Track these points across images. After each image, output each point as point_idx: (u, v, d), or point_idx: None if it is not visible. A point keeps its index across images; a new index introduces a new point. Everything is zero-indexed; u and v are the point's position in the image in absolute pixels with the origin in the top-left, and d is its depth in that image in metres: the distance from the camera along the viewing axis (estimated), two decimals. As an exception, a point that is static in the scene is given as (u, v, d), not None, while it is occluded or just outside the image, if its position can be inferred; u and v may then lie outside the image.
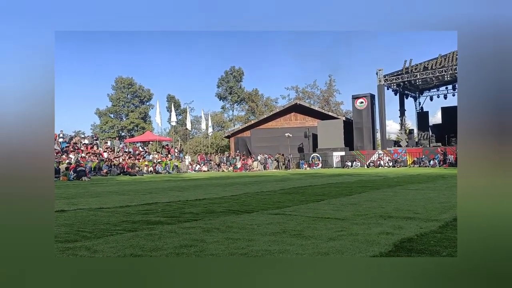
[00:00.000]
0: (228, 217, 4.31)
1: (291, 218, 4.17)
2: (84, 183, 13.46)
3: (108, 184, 12.49)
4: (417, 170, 20.18)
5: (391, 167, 25.87)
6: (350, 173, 18.00)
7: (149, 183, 12.44)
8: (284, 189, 8.52)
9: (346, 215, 4.32)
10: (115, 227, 3.81)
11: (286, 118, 35.06)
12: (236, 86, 56.37)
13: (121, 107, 53.14)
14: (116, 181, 14.23)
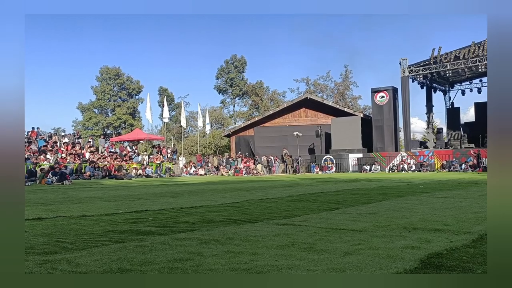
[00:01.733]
0: (228, 228, 4.31)
1: (300, 229, 4.16)
2: (65, 187, 13.54)
3: (91, 188, 12.54)
4: (446, 175, 20.08)
5: (416, 172, 25.76)
6: (368, 178, 17.94)
7: (138, 188, 12.46)
8: (293, 196, 8.50)
9: (365, 226, 4.31)
10: (100, 237, 3.83)
11: (295, 115, 35.05)
12: (238, 77, 56.56)
13: (106, 101, 53.49)
14: (100, 186, 14.29)
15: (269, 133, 34.11)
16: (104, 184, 15.32)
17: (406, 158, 27.66)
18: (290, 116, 35.05)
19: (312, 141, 32.79)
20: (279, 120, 35.06)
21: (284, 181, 16.83)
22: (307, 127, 32.73)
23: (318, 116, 34.40)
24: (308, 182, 14.97)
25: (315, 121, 33.96)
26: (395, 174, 22.89)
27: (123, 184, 15.70)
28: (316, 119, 34.28)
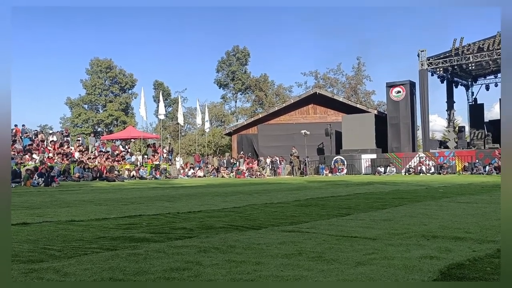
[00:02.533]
0: (229, 234, 4.32)
1: (308, 236, 4.16)
2: (52, 189, 13.61)
3: (81, 191, 12.60)
4: (468, 178, 20.00)
5: (436, 174, 25.68)
6: (383, 181, 17.91)
7: (131, 191, 12.49)
8: (300, 200, 8.50)
9: (379, 233, 4.30)
10: (90, 244, 3.85)
11: (302, 111, 35.04)
12: (240, 70, 56.60)
13: (97, 96, 53.71)
14: (90, 188, 14.35)
15: (274, 132, 34.09)
16: (94, 187, 15.37)
17: (425, 160, 27.57)
18: (297, 113, 35.02)
19: (321, 140, 32.74)
20: (285, 117, 35.05)
21: (290, 184, 16.82)
22: (315, 125, 32.68)
23: (327, 113, 34.35)
24: (316, 185, 14.94)
25: (325, 119, 33.91)
26: (412, 177, 22.81)
27: (115, 186, 15.74)
28: (325, 116, 34.23)
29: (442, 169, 26.30)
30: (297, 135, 30.91)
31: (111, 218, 5.83)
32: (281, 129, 33.94)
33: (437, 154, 27.75)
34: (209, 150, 45.07)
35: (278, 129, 34.06)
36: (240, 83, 56.23)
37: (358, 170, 29.00)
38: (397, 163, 28.18)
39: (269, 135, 34.26)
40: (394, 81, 30.28)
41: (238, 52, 56.37)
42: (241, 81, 56.16)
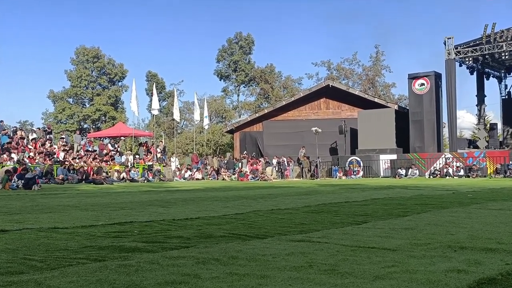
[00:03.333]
0: (231, 244, 4.32)
1: (320, 247, 4.16)
2: (33, 193, 13.69)
3: (65, 195, 12.65)
4: (501, 182, 19.90)
5: (464, 178, 25.59)
6: (404, 184, 17.86)
7: (121, 195, 12.52)
8: (310, 206, 8.50)
9: (399, 244, 4.29)
10: (76, 254, 3.87)
11: (313, 106, 35.02)
12: (243, 60, 56.67)
13: (83, 89, 53.99)
14: (76, 191, 14.41)
15: (281, 129, 34.10)
16: (80, 190, 15.44)
17: (451, 161, 27.46)
18: (307, 108, 35.00)
19: (335, 138, 32.71)
20: (293, 113, 35.04)
21: (299, 187, 16.78)
22: (328, 122, 32.65)
23: (342, 108, 34.30)
24: (329, 189, 14.91)
25: (338, 114, 33.87)
26: (437, 180, 22.73)
27: (103, 189, 15.79)
28: (339, 112, 34.19)
29: (471, 172, 26.17)
30: (307, 133, 30.89)
31: (99, 225, 5.85)
32: (289, 126, 33.94)
33: (465, 154, 27.61)
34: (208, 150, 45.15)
35: (285, 126, 34.06)
36: (243, 75, 56.27)
37: (376, 173, 28.95)
38: (420, 164, 28.10)
39: (275, 133, 34.27)
40: (417, 72, 30.18)
41: (241, 40, 56.38)
42: (244, 72, 56.20)
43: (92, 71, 54.66)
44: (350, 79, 53.22)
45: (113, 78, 55.68)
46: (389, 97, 50.34)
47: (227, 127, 39.89)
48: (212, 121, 54.35)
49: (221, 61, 57.68)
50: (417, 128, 29.29)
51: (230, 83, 59.01)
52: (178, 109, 34.60)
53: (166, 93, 57.72)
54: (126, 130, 33.28)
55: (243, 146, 35.29)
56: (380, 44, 52.73)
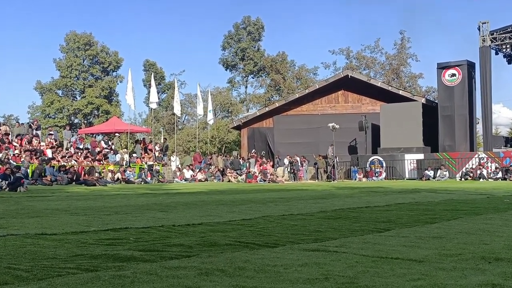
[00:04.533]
0: (237, 253, 4.33)
1: (337, 257, 4.16)
2: (18, 195, 13.80)
3: (54, 197, 12.74)
4: (542, 185, 19.70)
5: (500, 180, 25.38)
6: (432, 187, 17.75)
7: (115, 198, 12.57)
8: (326, 212, 8.49)
9: (427, 254, 4.27)
10: (65, 263, 3.89)
11: (330, 99, 34.94)
12: (252, 47, 56.70)
13: (73, 80, 54.37)
14: (66, 194, 14.50)
15: (294, 125, 34.08)
16: (70, 192, 15.53)
17: (486, 161, 27.25)
18: (323, 102, 34.93)
19: (354, 136, 32.61)
20: (308, 107, 34.99)
21: (314, 190, 16.75)
22: (347, 117, 32.54)
23: (362, 102, 34.17)
24: (347, 193, 14.86)
25: (358, 109, 33.75)
26: (470, 183, 22.57)
27: (95, 192, 15.87)
28: (359, 106, 34.07)
29: (508, 174, 25.94)
30: (323, 130, 30.83)
31: (91, 231, 5.89)
32: (303, 122, 33.91)
33: (502, 154, 27.38)
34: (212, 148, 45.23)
35: (299, 122, 34.03)
36: (252, 64, 56.28)
37: (401, 174, 28.81)
38: (450, 165, 27.92)
39: (287, 129, 34.25)
40: (448, 61, 29.96)
41: (250, 25, 56.36)
42: (253, 61, 56.21)
43: (84, 59, 55.01)
44: (372, 69, 53.01)
45: (106, 68, 55.99)
46: (416, 89, 50.07)
47: (234, 122, 39.91)
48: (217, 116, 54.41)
49: (227, 49, 57.77)
50: (447, 124, 29.10)
51: (237, 74, 59.09)
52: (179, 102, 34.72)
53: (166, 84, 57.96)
54: (121, 126, 33.46)
55: (251, 143, 35.29)
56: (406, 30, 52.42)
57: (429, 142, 29.71)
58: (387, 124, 30.10)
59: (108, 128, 33.08)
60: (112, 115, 46.01)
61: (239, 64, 57.61)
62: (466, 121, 28.91)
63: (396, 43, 52.41)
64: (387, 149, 29.82)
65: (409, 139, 29.17)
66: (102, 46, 55.95)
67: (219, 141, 49.72)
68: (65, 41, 54.70)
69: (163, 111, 56.35)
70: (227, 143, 50.87)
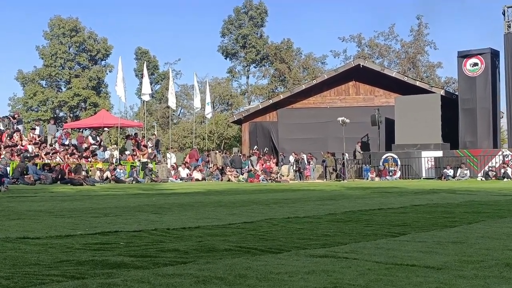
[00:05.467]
0: (238, 260, 4.33)
1: (347, 263, 4.15)
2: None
3: (36, 198, 12.75)
4: None
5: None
6: (451, 188, 17.75)
7: (104, 199, 12.59)
8: (336, 214, 8.50)
9: (445, 261, 4.27)
10: (49, 270, 3.90)
11: (340, 91, 34.92)
12: (254, 34, 56.62)
13: (58, 69, 54.41)
14: (50, 194, 14.52)
15: (300, 119, 34.08)
16: (55, 192, 15.55)
17: (511, 159, 27.21)
18: (332, 93, 34.91)
19: (366, 131, 32.59)
20: (315, 99, 34.97)
21: (322, 191, 16.74)
22: (358, 110, 32.52)
23: (375, 94, 34.14)
24: (358, 193, 14.85)
25: (371, 101, 33.72)
26: (493, 183, 22.54)
27: (82, 192, 15.89)
28: (372, 98, 34.04)
29: (536, 173, 25.92)
30: (333, 124, 30.84)
31: (77, 235, 5.89)
32: (310, 116, 33.92)
33: (528, 151, 27.36)
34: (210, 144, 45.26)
35: (305, 116, 34.03)
36: (254, 52, 56.25)
37: (417, 173, 28.81)
38: (471, 163, 27.90)
39: (293, 123, 34.25)
40: (469, 49, 29.86)
41: (252, 9, 56.30)
42: (255, 49, 56.17)
43: (69, 47, 55.03)
44: (386, 57, 52.94)
45: (94, 56, 56.02)
46: (434, 80, 49.99)
47: (234, 116, 39.92)
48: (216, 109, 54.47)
49: (226, 35, 57.69)
50: (469, 119, 29.04)
51: (238, 63, 59.05)
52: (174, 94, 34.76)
53: (160, 74, 57.95)
54: (111, 120, 33.51)
55: (253, 139, 35.30)
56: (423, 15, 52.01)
57: (448, 138, 29.66)
58: (402, 118, 30.06)
59: (96, 122, 33.13)
60: (101, 108, 46.07)
61: (240, 52, 57.56)
62: (489, 115, 28.86)
63: (413, 29, 52.37)
64: (402, 146, 29.79)
65: (427, 135, 29.14)
66: (90, 32, 55.96)
67: (218, 137, 49.74)
68: (49, 27, 54.73)
69: (157, 104, 56.38)
70: (227, 139, 50.90)
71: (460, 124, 29.27)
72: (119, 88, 29.03)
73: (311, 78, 44.45)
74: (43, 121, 43.05)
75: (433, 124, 29.27)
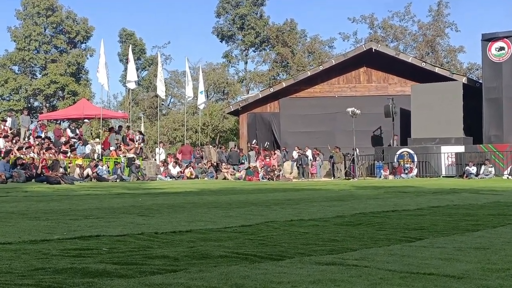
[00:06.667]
0: (235, 268, 4.33)
1: (357, 272, 4.16)
2: (-35, 195, 13.79)
3: (8, 198, 12.73)
4: None
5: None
6: (474, 187, 17.75)
7: (85, 199, 12.59)
8: (344, 217, 8.51)
9: (467, 269, 4.27)
10: (23, 279, 3.89)
11: (349, 79, 34.91)
12: (253, 14, 56.51)
13: (33, 53, 54.27)
14: (23, 194, 14.51)
15: (305, 110, 34.07)
16: (29, 191, 15.53)
17: (541, 155, 27.24)
18: (341, 81, 34.90)
19: (379, 123, 32.60)
20: (322, 88, 34.96)
21: (330, 190, 16.75)
22: (370, 100, 32.53)
23: (389, 81, 34.13)
24: (370, 194, 14.86)
25: (384, 90, 33.71)
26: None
27: (60, 191, 15.87)
28: (385, 86, 34.03)
29: None
30: (341, 116, 30.84)
31: (54, 239, 5.89)
32: (316, 106, 33.89)
33: (561, 147, 27.39)
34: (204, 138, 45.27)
35: (311, 106, 34.01)
36: (253, 34, 56.18)
37: (436, 171, 28.83)
38: (497, 160, 27.91)
39: (297, 114, 34.25)
40: (495, 31, 29.79)
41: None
42: (254, 31, 56.11)
43: (45, 28, 54.87)
44: (401, 41, 52.90)
45: (73, 39, 55.88)
46: (455, 66, 49.96)
47: (231, 106, 39.87)
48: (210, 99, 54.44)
49: (222, 16, 57.61)
50: (494, 110, 29.02)
51: (235, 46, 58.97)
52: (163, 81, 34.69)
53: (147, 59, 57.89)
54: (92, 110, 33.44)
55: (252, 132, 35.28)
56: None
57: (471, 131, 29.64)
58: (419, 109, 30.03)
59: (75, 113, 33.06)
60: (81, 97, 45.98)
61: (237, 34, 57.48)
62: (517, 105, 28.85)
63: (432, 9, 52.35)
64: (419, 140, 29.78)
65: (447, 128, 29.12)
66: (68, 11, 55.84)
67: (213, 130, 49.76)
68: (22, 5, 54.56)
69: (144, 92, 56.35)
70: (223, 132, 50.91)
71: (484, 116, 29.23)
72: (101, 74, 28.97)
73: (317, 63, 44.40)
74: (15, 112, 43.02)
75: (454, 116, 29.24)
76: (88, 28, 56.25)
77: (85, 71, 56.95)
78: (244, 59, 59.34)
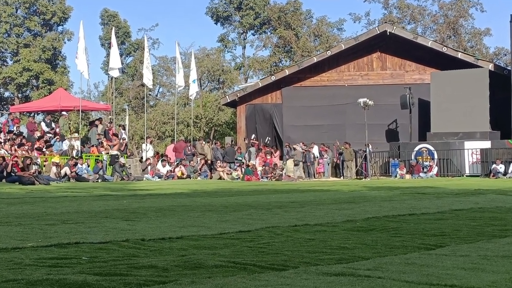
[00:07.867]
0: (232, 278, 4.34)
1: (370, 283, 4.16)
2: None
3: (-24, 201, 12.74)
4: None
5: None
6: (501, 188, 17.76)
7: (62, 202, 12.58)
8: (355, 221, 8.52)
9: (494, 280, 4.28)
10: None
11: (360, 65, 34.89)
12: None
13: (3, 37, 54.19)
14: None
15: (310, 101, 34.06)
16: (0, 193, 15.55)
17: None
18: (351, 68, 34.87)
19: (395, 116, 32.60)
20: (330, 76, 34.94)
21: (338, 191, 16.75)
22: (384, 89, 32.53)
23: (405, 69, 34.10)
24: (384, 195, 14.86)
25: (401, 78, 33.70)
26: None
27: (34, 192, 15.87)
28: (402, 74, 34.00)
29: None
30: (352, 107, 30.85)
31: (28, 247, 5.89)
32: (323, 96, 33.89)
33: None
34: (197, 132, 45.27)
35: (317, 96, 34.00)
36: (252, 15, 56.09)
37: (459, 169, 28.84)
38: (528, 157, 27.92)
39: (301, 106, 34.24)
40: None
41: (249, -40, 56.07)
42: (253, 12, 56.02)
43: (17, 8, 54.78)
44: (420, 22, 52.85)
45: (49, 20, 55.75)
46: (480, 51, 49.94)
47: (227, 97, 39.85)
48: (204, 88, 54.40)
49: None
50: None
51: (232, 29, 58.92)
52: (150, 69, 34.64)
53: (132, 43, 57.83)
54: (70, 101, 33.39)
55: (251, 126, 35.25)
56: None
57: (498, 125, 29.65)
58: (440, 99, 30.02)
59: (51, 104, 33.04)
60: (58, 87, 45.88)
61: (234, 15, 57.41)
62: (551, 96, 28.87)
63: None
64: (440, 135, 29.78)
65: (471, 121, 29.12)
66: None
67: (207, 123, 49.76)
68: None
69: (129, 81, 56.32)
70: (218, 126, 50.91)
71: (513, 108, 29.27)
72: (81, 61, 28.93)
73: (325, 48, 44.35)
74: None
75: (479, 107, 29.23)
76: (65, 9, 56.08)
77: (62, 57, 56.81)
78: (242, 44, 59.27)
